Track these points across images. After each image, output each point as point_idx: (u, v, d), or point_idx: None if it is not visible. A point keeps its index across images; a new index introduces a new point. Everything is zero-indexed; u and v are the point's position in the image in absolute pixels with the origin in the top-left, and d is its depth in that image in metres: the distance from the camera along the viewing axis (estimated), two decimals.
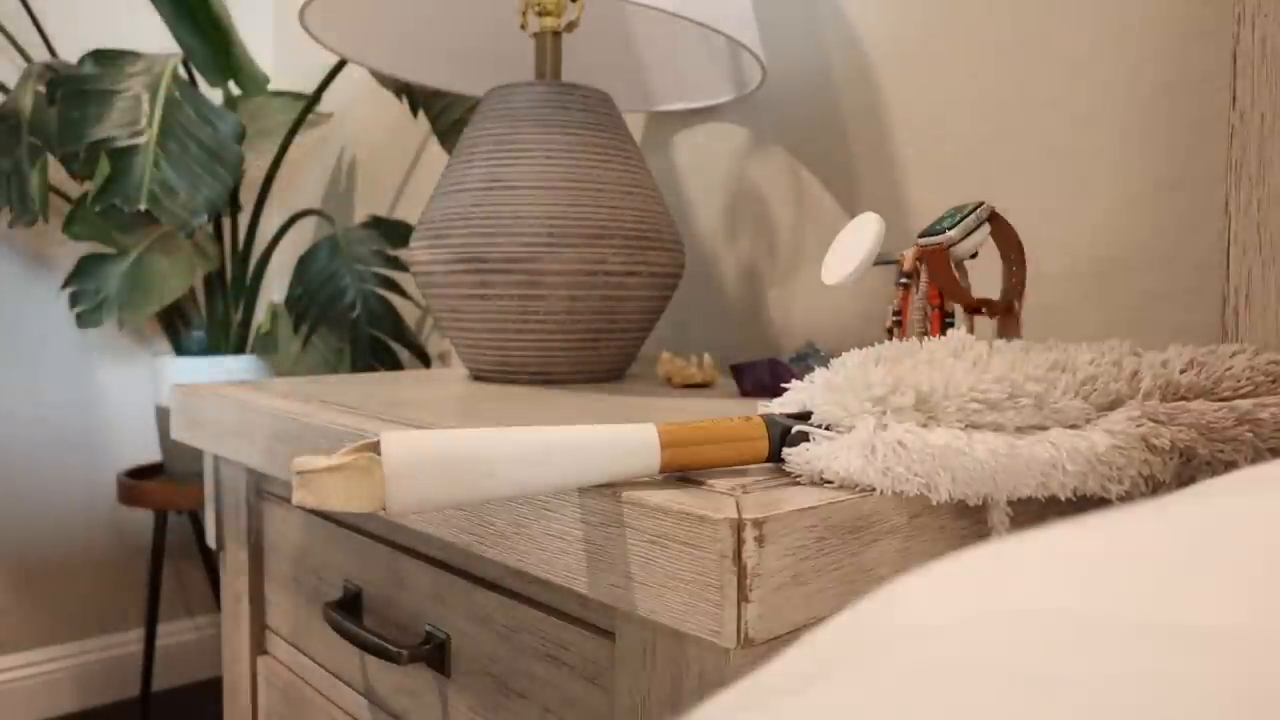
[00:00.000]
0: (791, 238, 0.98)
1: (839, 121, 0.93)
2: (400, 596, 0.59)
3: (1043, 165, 0.77)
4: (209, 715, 1.70)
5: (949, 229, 0.54)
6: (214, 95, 1.74)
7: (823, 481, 0.38)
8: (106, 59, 1.26)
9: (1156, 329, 0.71)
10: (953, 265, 0.57)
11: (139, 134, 1.18)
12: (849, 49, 0.92)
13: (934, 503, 0.37)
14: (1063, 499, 0.37)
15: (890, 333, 0.58)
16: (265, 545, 0.75)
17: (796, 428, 0.39)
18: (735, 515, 0.35)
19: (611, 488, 0.40)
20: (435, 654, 0.55)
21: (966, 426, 0.37)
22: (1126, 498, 0.40)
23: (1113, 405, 0.41)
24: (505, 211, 0.71)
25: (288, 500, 0.71)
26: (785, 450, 0.39)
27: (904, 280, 0.56)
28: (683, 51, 0.99)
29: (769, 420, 0.39)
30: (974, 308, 0.56)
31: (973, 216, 0.54)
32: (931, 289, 0.56)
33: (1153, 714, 0.13)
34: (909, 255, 0.56)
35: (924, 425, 0.37)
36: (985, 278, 0.79)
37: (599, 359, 0.76)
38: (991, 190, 0.81)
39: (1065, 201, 0.76)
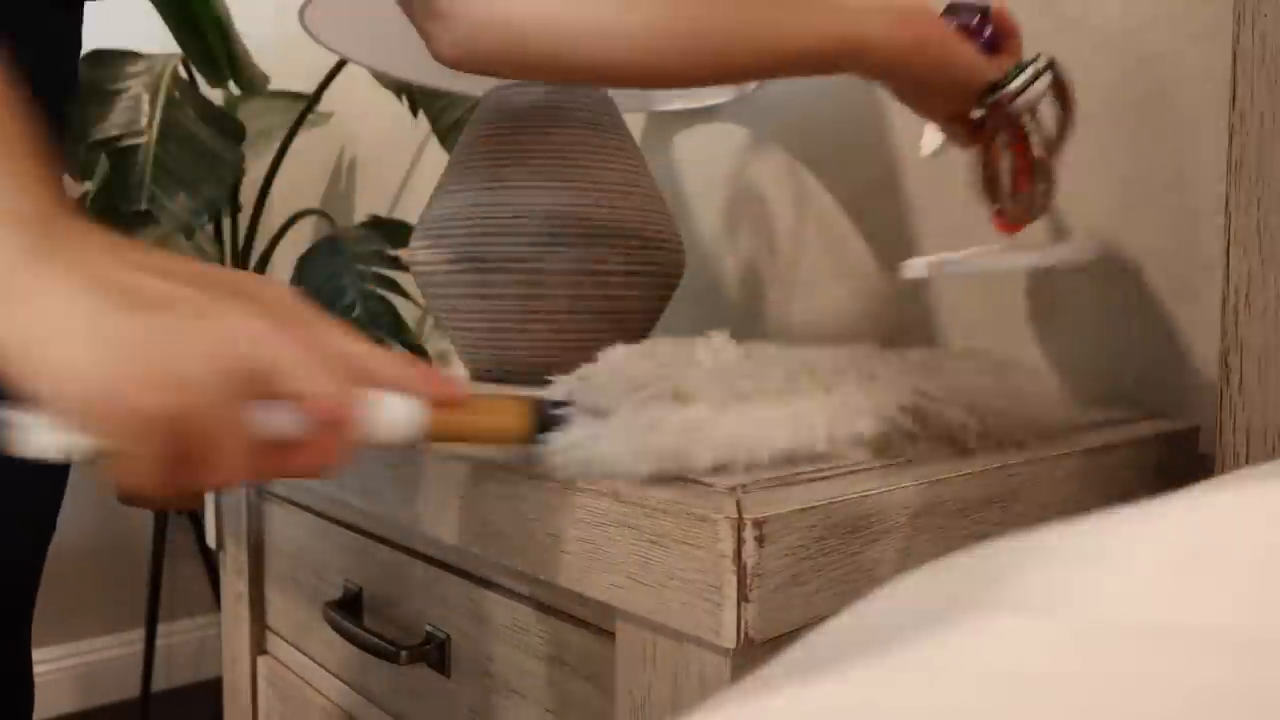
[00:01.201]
0: (791, 238, 0.98)
1: (839, 121, 0.93)
2: (400, 596, 0.59)
3: None
4: (209, 715, 1.70)
5: (1009, 83, 0.58)
6: (214, 95, 1.74)
7: (583, 467, 0.40)
8: (106, 59, 1.26)
9: (1157, 329, 0.71)
10: (1024, 117, 0.60)
11: (139, 134, 1.18)
12: None
13: (689, 472, 0.40)
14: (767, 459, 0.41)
15: (983, 190, 0.62)
16: (265, 545, 0.75)
17: (559, 410, 0.40)
18: (735, 515, 0.35)
19: (613, 489, 0.40)
20: (435, 654, 0.55)
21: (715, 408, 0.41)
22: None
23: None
24: (505, 211, 0.71)
25: (288, 500, 0.71)
26: (546, 433, 0.40)
27: (995, 137, 0.60)
28: None
29: (534, 401, 0.40)
30: (1024, 169, 0.60)
31: (1030, 70, 0.58)
32: (1016, 142, 0.60)
33: (1153, 714, 0.13)
34: (984, 115, 0.59)
35: (678, 408, 0.41)
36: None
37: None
38: None
39: (1064, 201, 0.76)
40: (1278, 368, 0.50)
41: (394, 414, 0.35)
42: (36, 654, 1.68)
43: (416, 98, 1.34)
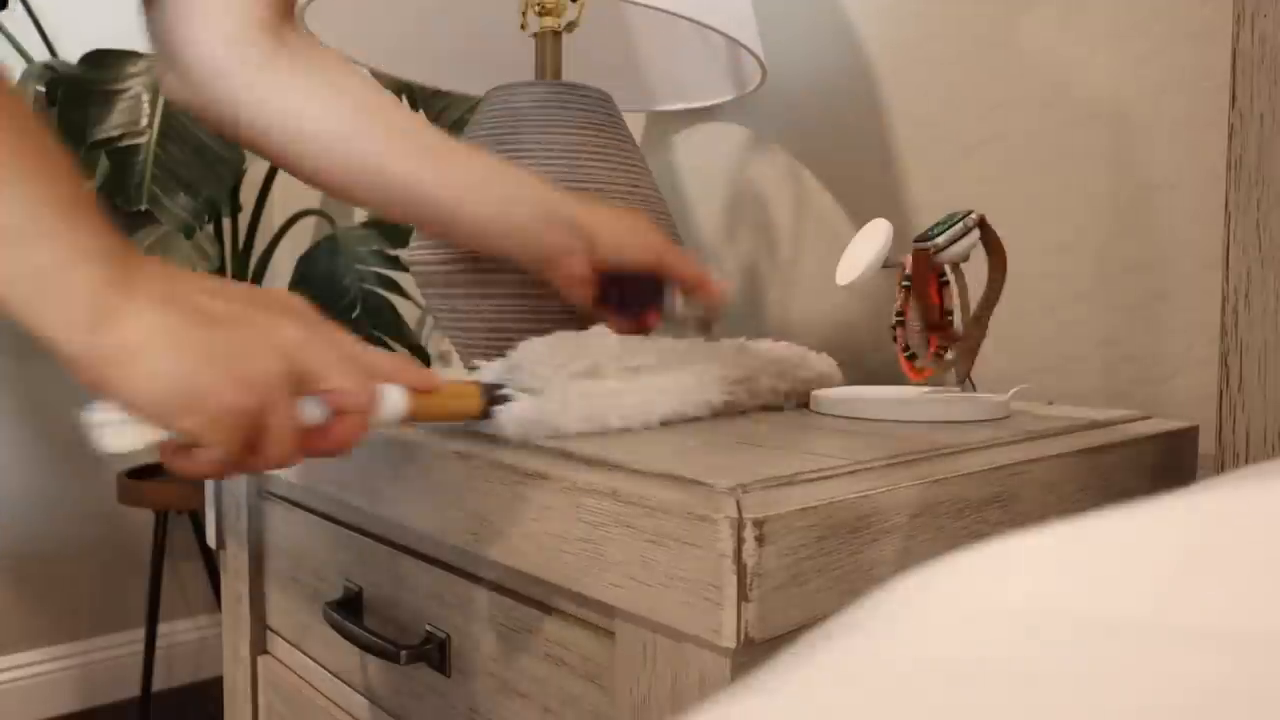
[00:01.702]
0: (791, 238, 0.98)
1: (839, 121, 0.93)
2: (400, 596, 0.59)
3: (1042, 165, 0.77)
4: (209, 715, 1.70)
5: (936, 236, 0.58)
6: None
7: (532, 428, 0.49)
8: (106, 59, 1.26)
9: (1157, 329, 0.71)
10: (945, 270, 0.60)
11: (139, 134, 1.18)
12: (848, 48, 0.92)
13: (608, 429, 0.51)
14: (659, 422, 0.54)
15: (895, 330, 0.60)
16: (266, 545, 0.75)
17: (502, 390, 0.49)
18: (735, 515, 0.35)
19: (612, 489, 0.40)
20: (435, 654, 0.55)
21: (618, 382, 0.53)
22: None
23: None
24: None
25: (288, 500, 0.71)
26: (494, 408, 0.48)
27: (905, 283, 0.59)
28: (683, 51, 0.99)
29: (483, 385, 0.49)
30: (936, 326, 0.60)
31: (960, 225, 0.58)
32: (931, 290, 0.58)
33: (1153, 713, 0.13)
34: (909, 260, 0.58)
35: (594, 382, 0.52)
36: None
37: None
38: (990, 190, 0.81)
39: (1065, 201, 0.76)
40: (1277, 368, 0.50)
41: (389, 401, 0.43)
42: (37, 654, 1.68)
43: (416, 98, 1.34)
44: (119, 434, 0.37)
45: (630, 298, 0.66)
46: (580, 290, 0.64)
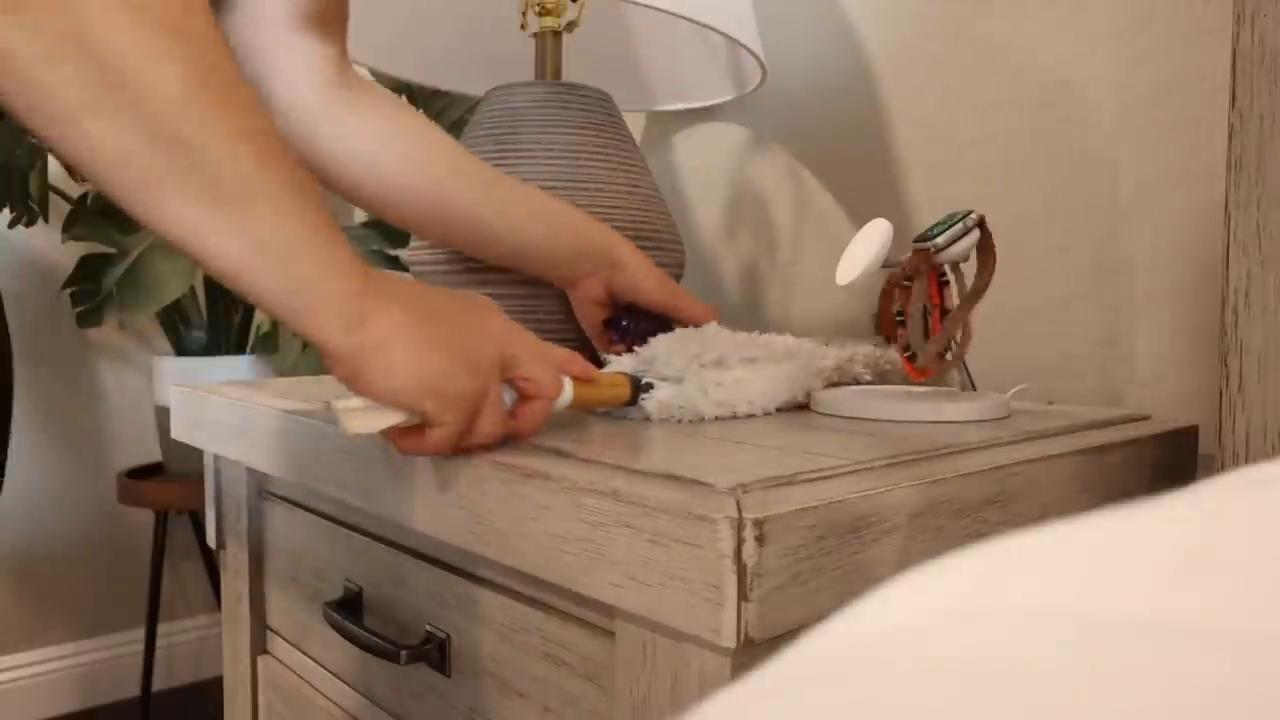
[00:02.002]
0: (791, 237, 0.98)
1: (839, 121, 0.93)
2: (400, 596, 0.59)
3: (1042, 165, 0.77)
4: (209, 715, 1.70)
5: (936, 236, 0.58)
6: None
7: (672, 416, 0.55)
8: None
9: (1157, 329, 0.71)
10: (945, 270, 0.60)
11: None
12: (848, 48, 0.92)
13: (737, 414, 0.58)
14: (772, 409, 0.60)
15: (896, 330, 0.60)
16: (266, 545, 0.75)
17: (646, 379, 0.55)
18: (735, 515, 0.35)
19: (612, 489, 0.40)
20: (435, 654, 0.55)
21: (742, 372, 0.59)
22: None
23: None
24: None
25: (288, 500, 0.71)
26: (642, 397, 0.54)
27: (905, 282, 0.59)
28: (683, 51, 0.99)
29: (632, 376, 0.54)
30: (936, 326, 0.61)
31: (959, 225, 0.58)
32: (931, 288, 0.58)
33: (1152, 714, 0.13)
34: (908, 259, 0.59)
35: (723, 371, 0.57)
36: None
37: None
38: (990, 190, 0.81)
39: (1065, 201, 0.76)
40: (1277, 368, 0.50)
41: (565, 389, 0.48)
42: (36, 654, 1.68)
43: (416, 98, 1.34)
44: (362, 419, 0.43)
45: (636, 329, 0.70)
46: (592, 311, 0.70)
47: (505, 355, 0.45)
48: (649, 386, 0.54)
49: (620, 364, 0.57)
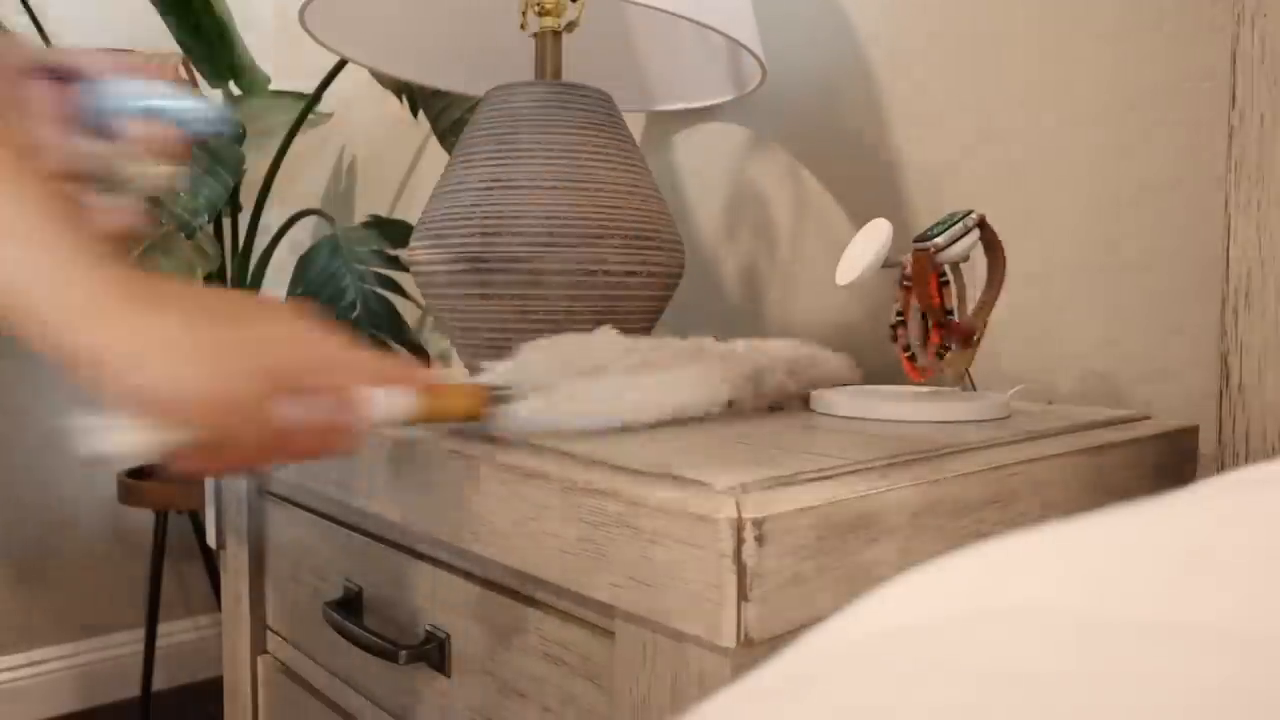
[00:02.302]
0: (791, 238, 0.98)
1: (839, 121, 0.93)
2: (400, 596, 0.59)
3: (1042, 165, 0.77)
4: (209, 715, 1.70)
5: (936, 236, 0.58)
6: (214, 95, 1.74)
7: (528, 431, 0.50)
8: None
9: (1157, 329, 0.71)
10: (945, 270, 0.60)
11: None
12: (848, 48, 0.92)
13: (606, 428, 0.52)
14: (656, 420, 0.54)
15: (895, 330, 0.60)
16: (265, 545, 0.75)
17: (502, 391, 0.50)
18: (735, 515, 0.35)
19: (612, 489, 0.40)
20: (435, 654, 0.55)
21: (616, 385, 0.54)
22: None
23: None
24: (505, 211, 0.71)
25: (288, 500, 0.71)
26: (495, 408, 0.49)
27: (905, 282, 0.59)
28: (683, 51, 0.99)
29: (483, 387, 0.50)
30: (938, 320, 0.59)
31: (959, 225, 0.58)
32: (931, 289, 0.58)
33: (1154, 713, 0.13)
34: (909, 260, 0.58)
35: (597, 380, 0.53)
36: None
37: None
38: (990, 190, 0.81)
39: (1065, 201, 0.76)
40: (1277, 368, 0.50)
41: (387, 401, 0.43)
42: (36, 654, 1.68)
43: (416, 98, 1.34)
44: (108, 437, 0.37)
45: None
46: None
47: (283, 366, 0.39)
48: (505, 398, 0.50)
49: (490, 372, 0.53)
